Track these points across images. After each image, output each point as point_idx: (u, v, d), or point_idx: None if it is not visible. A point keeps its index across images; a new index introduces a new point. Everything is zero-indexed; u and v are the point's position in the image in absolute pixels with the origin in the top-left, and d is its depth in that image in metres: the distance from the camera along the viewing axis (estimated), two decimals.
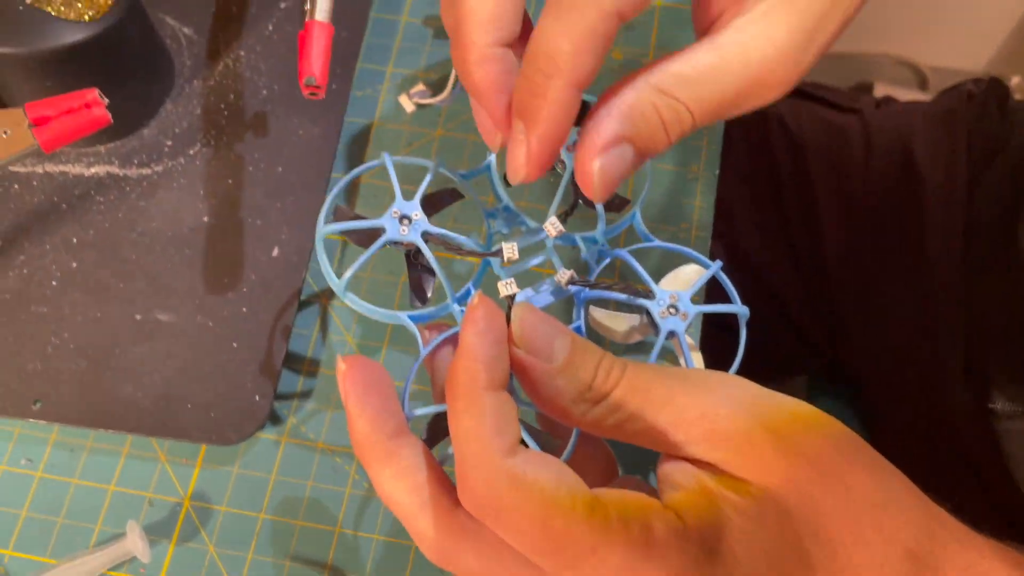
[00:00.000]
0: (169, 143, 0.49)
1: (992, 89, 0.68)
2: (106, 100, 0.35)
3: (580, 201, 0.39)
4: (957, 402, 0.60)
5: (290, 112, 0.50)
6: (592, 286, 0.36)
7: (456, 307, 0.37)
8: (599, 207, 0.38)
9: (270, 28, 0.52)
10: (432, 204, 0.38)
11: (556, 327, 0.30)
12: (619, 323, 0.41)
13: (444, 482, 0.30)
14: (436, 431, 0.35)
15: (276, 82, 0.51)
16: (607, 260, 0.40)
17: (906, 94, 1.20)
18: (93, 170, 0.49)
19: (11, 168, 0.48)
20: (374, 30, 0.53)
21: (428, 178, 0.37)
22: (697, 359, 0.40)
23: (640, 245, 0.41)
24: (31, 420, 0.43)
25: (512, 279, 0.33)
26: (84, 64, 0.45)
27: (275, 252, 0.47)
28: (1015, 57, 1.20)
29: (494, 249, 0.36)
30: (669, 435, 0.29)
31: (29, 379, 0.44)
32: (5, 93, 0.47)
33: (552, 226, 0.35)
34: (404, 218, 0.35)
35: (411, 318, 0.36)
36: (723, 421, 0.28)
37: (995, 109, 0.66)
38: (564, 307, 0.43)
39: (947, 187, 0.63)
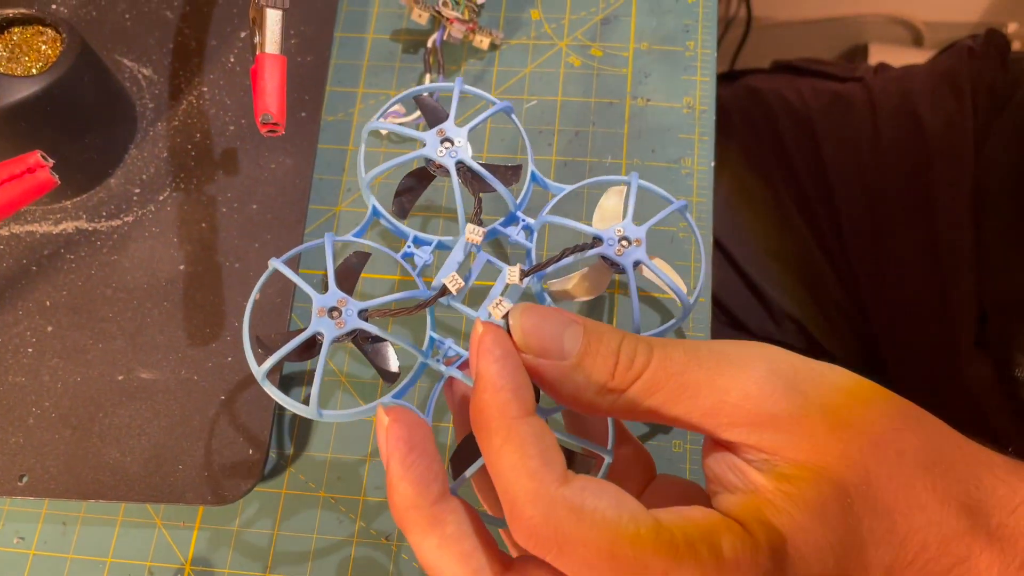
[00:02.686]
0: (137, 191, 0.47)
1: (991, 41, 0.65)
2: (50, 161, 0.33)
3: (480, 194, 0.37)
4: (973, 373, 0.58)
5: (260, 146, 0.48)
6: (544, 266, 0.35)
7: (432, 362, 0.35)
8: (499, 186, 0.37)
9: (231, 60, 0.50)
10: (347, 277, 0.36)
11: (562, 320, 0.28)
12: (572, 281, 0.40)
13: (492, 546, 0.29)
14: (461, 461, 0.33)
15: (243, 116, 0.49)
16: (534, 232, 0.38)
17: (902, 52, 1.17)
18: (61, 227, 0.47)
19: None
20: (341, 51, 0.51)
21: (329, 254, 0.35)
22: (662, 266, 0.39)
23: (556, 199, 0.40)
24: (18, 497, 0.41)
25: (501, 297, 0.31)
26: (37, 120, 0.42)
27: (256, 295, 0.45)
28: (1009, 3, 1.17)
29: (438, 290, 0.34)
30: (711, 419, 0.27)
31: (12, 454, 0.42)
32: None
33: (474, 233, 0.33)
34: (333, 310, 0.33)
35: (396, 397, 0.34)
36: (769, 402, 0.26)
37: (996, 62, 0.63)
38: (525, 296, 0.42)
39: (954, 146, 0.61)
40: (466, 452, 0.32)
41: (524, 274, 0.34)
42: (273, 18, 0.35)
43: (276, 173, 0.47)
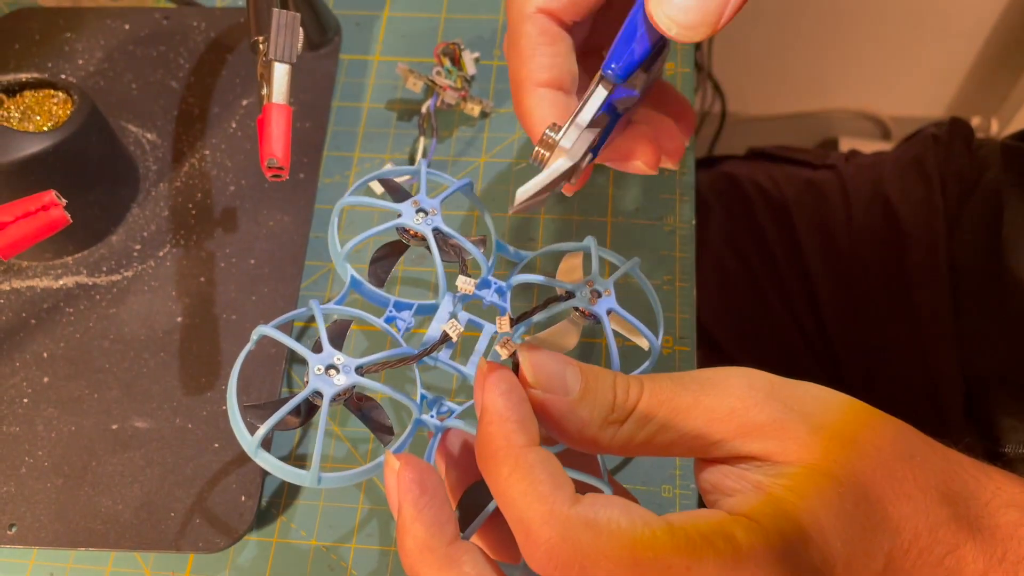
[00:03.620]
0: (138, 247, 0.49)
1: (956, 130, 0.68)
2: (63, 201, 0.34)
3: (462, 257, 0.39)
4: (963, 451, 0.59)
5: (259, 205, 0.49)
6: (530, 314, 0.37)
7: (426, 418, 0.35)
8: (474, 249, 0.39)
9: (233, 126, 0.52)
10: (336, 340, 0.37)
11: (563, 360, 0.30)
12: (547, 333, 0.42)
13: None
14: (465, 516, 0.33)
15: (243, 177, 0.50)
16: (507, 292, 0.40)
17: (870, 145, 1.22)
18: (61, 282, 0.48)
19: None
20: (338, 119, 0.53)
21: (320, 318, 0.35)
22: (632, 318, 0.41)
23: (522, 263, 0.42)
24: (7, 546, 0.41)
25: (508, 337, 0.32)
26: (45, 174, 0.44)
27: (239, 368, 0.45)
28: (972, 99, 1.23)
29: (438, 338, 0.35)
30: (703, 438, 0.28)
31: (3, 503, 0.42)
32: None
33: (465, 284, 0.35)
34: (330, 368, 0.33)
35: (395, 452, 0.35)
36: (752, 413, 0.28)
37: (962, 148, 0.66)
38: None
39: (926, 229, 0.64)
40: (470, 505, 0.33)
41: (513, 322, 0.36)
42: (280, 71, 0.38)
43: (274, 230, 0.49)
